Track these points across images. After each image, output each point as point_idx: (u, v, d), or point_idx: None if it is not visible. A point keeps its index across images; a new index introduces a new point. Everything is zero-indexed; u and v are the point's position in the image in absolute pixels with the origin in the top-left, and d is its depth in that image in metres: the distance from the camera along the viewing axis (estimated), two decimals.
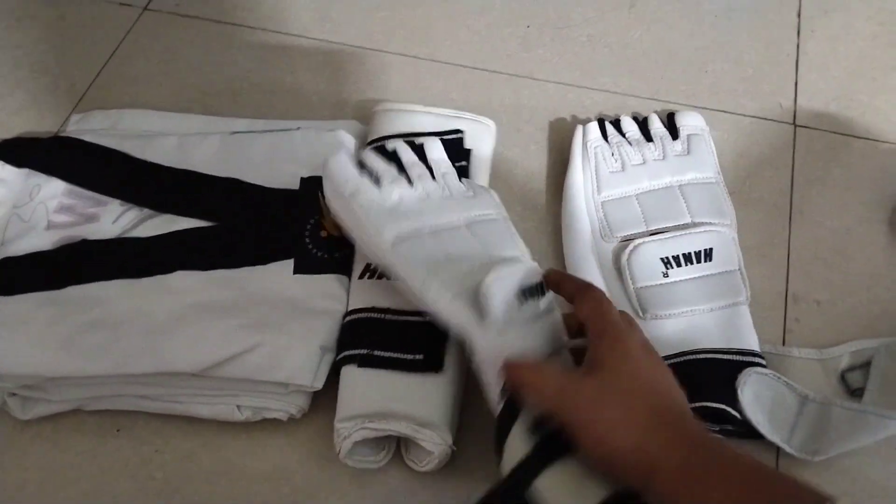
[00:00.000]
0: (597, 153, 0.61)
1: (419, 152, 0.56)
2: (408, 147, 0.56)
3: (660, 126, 0.63)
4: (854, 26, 0.75)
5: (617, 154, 0.61)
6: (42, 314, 0.51)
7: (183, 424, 0.52)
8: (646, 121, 0.63)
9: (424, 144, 0.56)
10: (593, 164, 0.61)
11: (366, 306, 0.52)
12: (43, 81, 0.71)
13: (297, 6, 0.77)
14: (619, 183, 0.60)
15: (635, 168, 0.60)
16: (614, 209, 0.59)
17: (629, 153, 0.61)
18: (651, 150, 0.61)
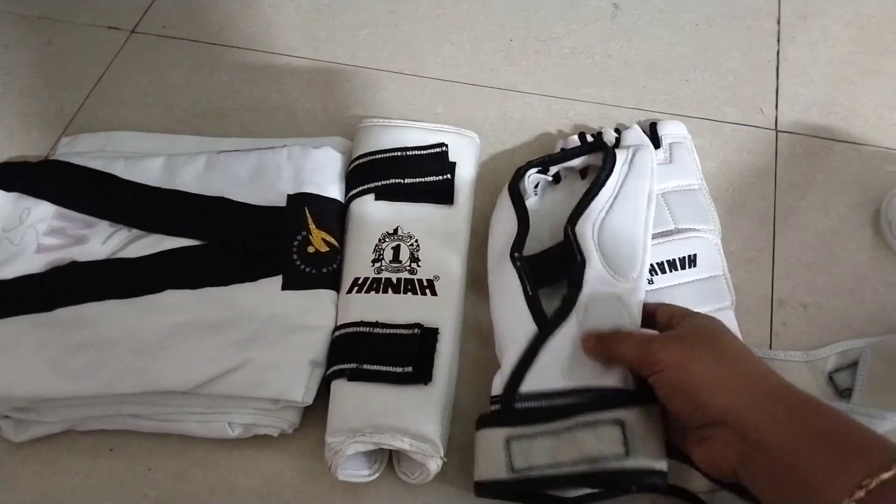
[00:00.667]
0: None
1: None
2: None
3: (642, 135, 0.63)
4: (833, 32, 0.76)
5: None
6: (32, 336, 0.51)
7: (175, 443, 0.53)
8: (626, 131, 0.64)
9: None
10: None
11: (354, 320, 0.53)
12: (32, 106, 0.72)
13: (283, 26, 0.78)
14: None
15: None
16: None
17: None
18: None
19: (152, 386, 0.49)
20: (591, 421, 0.44)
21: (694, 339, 0.43)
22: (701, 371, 0.40)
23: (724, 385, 0.39)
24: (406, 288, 0.54)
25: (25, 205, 0.59)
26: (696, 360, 0.41)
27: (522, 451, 0.46)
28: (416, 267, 0.55)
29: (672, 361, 0.42)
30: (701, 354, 0.41)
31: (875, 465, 0.33)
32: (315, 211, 0.57)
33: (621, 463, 0.43)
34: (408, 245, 0.56)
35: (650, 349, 0.43)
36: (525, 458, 0.45)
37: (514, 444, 0.46)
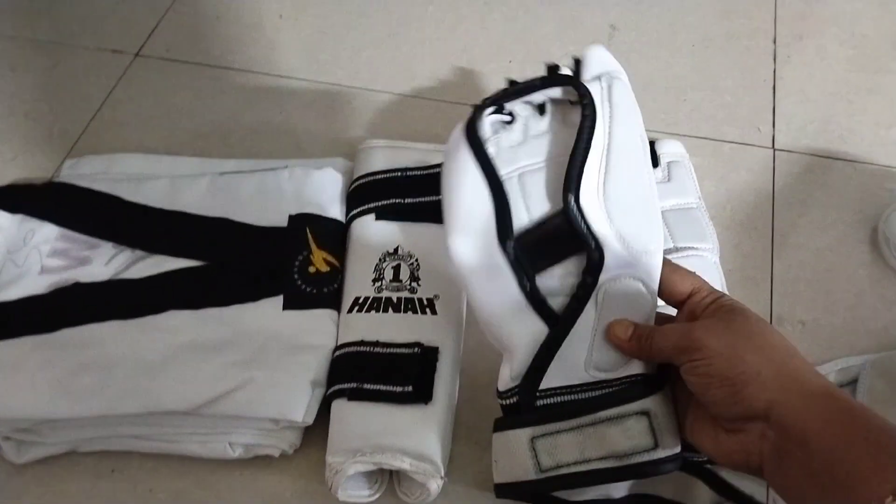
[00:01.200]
0: None
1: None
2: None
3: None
4: (828, 51, 0.77)
5: None
6: (35, 357, 0.52)
7: (176, 463, 0.53)
8: None
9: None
10: None
11: (355, 340, 0.53)
12: (37, 129, 0.73)
13: (286, 48, 0.79)
14: None
15: None
16: None
17: None
18: None
19: (154, 406, 0.49)
20: (616, 415, 0.42)
21: (739, 328, 0.40)
22: (750, 363, 0.38)
23: (772, 380, 0.38)
24: (406, 307, 0.54)
25: (29, 226, 0.59)
26: (745, 351, 0.39)
27: (548, 449, 0.43)
28: (417, 286, 0.56)
29: (719, 351, 0.39)
30: (747, 345, 0.39)
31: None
32: (316, 231, 0.57)
33: (651, 455, 0.42)
34: (408, 264, 0.57)
35: (694, 335, 0.40)
36: (552, 457, 0.43)
37: (539, 442, 0.44)
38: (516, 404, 0.45)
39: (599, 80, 0.48)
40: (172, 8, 0.83)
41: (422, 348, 0.52)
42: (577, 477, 0.43)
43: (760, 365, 0.38)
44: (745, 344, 0.39)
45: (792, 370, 0.38)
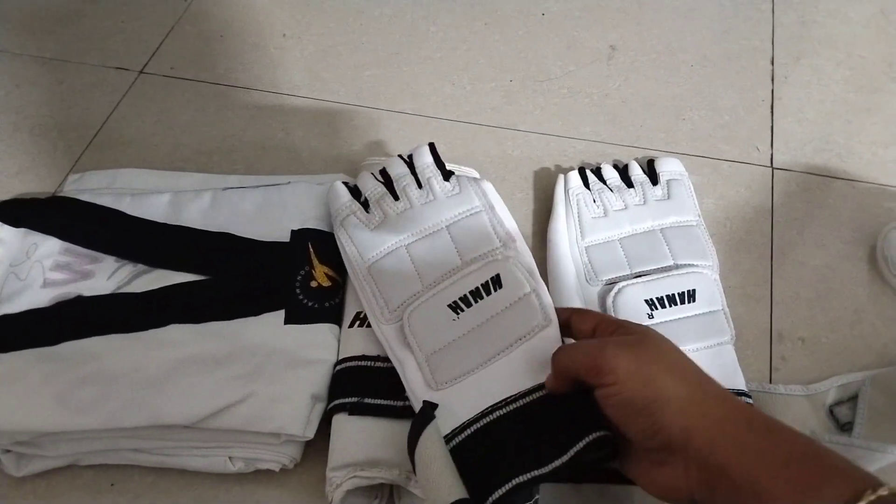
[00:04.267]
0: (579, 200, 0.63)
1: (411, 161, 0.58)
2: (399, 160, 0.58)
3: (640, 172, 0.64)
4: (826, 72, 0.78)
5: (599, 200, 0.63)
6: (37, 370, 0.52)
7: (176, 477, 0.53)
8: (626, 168, 0.65)
9: (413, 152, 0.58)
10: (576, 211, 0.62)
11: (356, 354, 0.53)
12: (42, 144, 0.73)
13: (289, 67, 0.80)
14: (602, 228, 0.61)
15: (617, 213, 0.62)
16: (598, 254, 0.60)
17: (611, 199, 0.63)
18: (632, 196, 0.63)
19: (156, 420, 0.49)
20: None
21: (649, 350, 0.39)
22: (661, 387, 0.37)
23: (685, 405, 0.36)
24: None
25: (33, 240, 0.60)
26: (655, 373, 0.37)
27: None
28: None
29: (629, 372, 0.38)
30: (659, 367, 0.38)
31: (846, 492, 0.31)
32: (318, 246, 0.58)
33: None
34: None
35: (604, 354, 0.39)
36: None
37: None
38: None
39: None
40: (177, 26, 0.84)
41: None
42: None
43: (673, 388, 0.37)
44: (656, 366, 0.38)
45: (703, 393, 0.37)
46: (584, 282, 0.59)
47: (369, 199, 0.57)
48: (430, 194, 0.56)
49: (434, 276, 0.53)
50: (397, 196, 0.57)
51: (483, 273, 0.51)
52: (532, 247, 0.64)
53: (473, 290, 0.50)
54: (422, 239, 0.54)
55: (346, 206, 0.57)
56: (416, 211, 0.55)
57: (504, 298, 0.49)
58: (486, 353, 0.48)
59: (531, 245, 0.64)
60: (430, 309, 0.51)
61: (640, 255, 0.60)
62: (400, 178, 0.57)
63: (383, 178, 0.58)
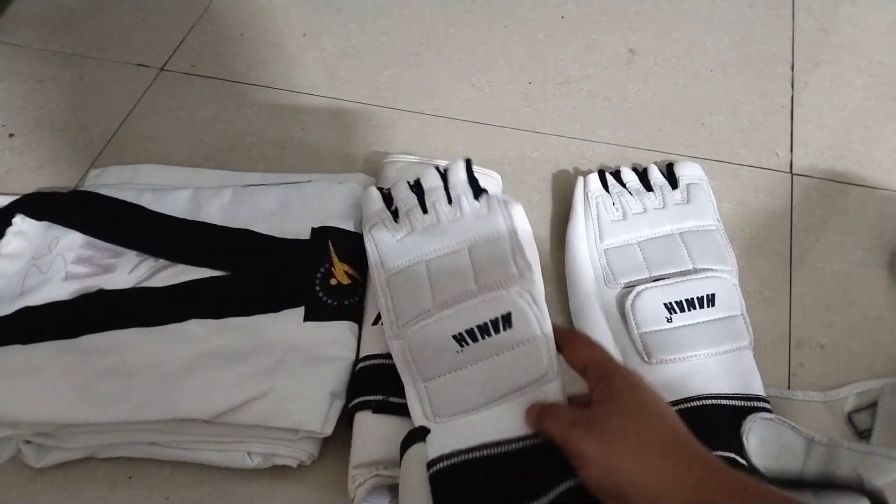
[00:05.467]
0: (598, 203, 0.63)
1: (445, 175, 0.58)
2: (433, 172, 0.58)
3: (659, 176, 0.64)
4: (846, 78, 0.77)
5: (618, 203, 0.63)
6: (58, 362, 0.52)
7: (193, 472, 0.53)
8: (645, 171, 0.65)
9: (448, 167, 0.58)
10: (595, 214, 0.62)
11: (380, 352, 0.53)
12: (63, 139, 0.74)
13: (308, 66, 0.80)
14: (621, 231, 0.61)
15: (636, 217, 0.62)
16: (617, 256, 0.60)
17: (630, 202, 0.63)
18: (651, 199, 0.63)
19: (175, 413, 0.49)
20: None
21: (617, 426, 0.40)
22: (625, 473, 0.38)
23: (654, 489, 0.37)
24: None
25: (55, 234, 0.60)
26: (620, 456, 0.38)
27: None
28: None
29: (594, 459, 0.39)
30: (626, 448, 0.39)
31: None
32: (338, 244, 0.58)
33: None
34: None
35: (571, 438, 0.40)
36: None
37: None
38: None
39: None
40: (197, 24, 0.84)
41: None
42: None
43: (639, 476, 0.38)
44: (620, 450, 0.39)
45: (667, 470, 0.38)
46: (603, 284, 0.59)
47: (399, 210, 0.57)
48: (459, 212, 0.55)
49: (446, 296, 0.51)
50: (426, 209, 0.56)
51: (494, 307, 0.49)
52: (549, 248, 0.64)
53: (482, 326, 0.48)
54: (442, 256, 0.54)
55: (376, 214, 0.57)
56: (442, 227, 0.55)
57: (512, 340, 0.48)
58: (486, 396, 0.47)
59: (549, 247, 0.65)
60: (434, 335, 0.49)
61: (658, 259, 0.60)
62: (432, 191, 0.57)
63: (417, 188, 0.58)
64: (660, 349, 0.55)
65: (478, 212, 0.55)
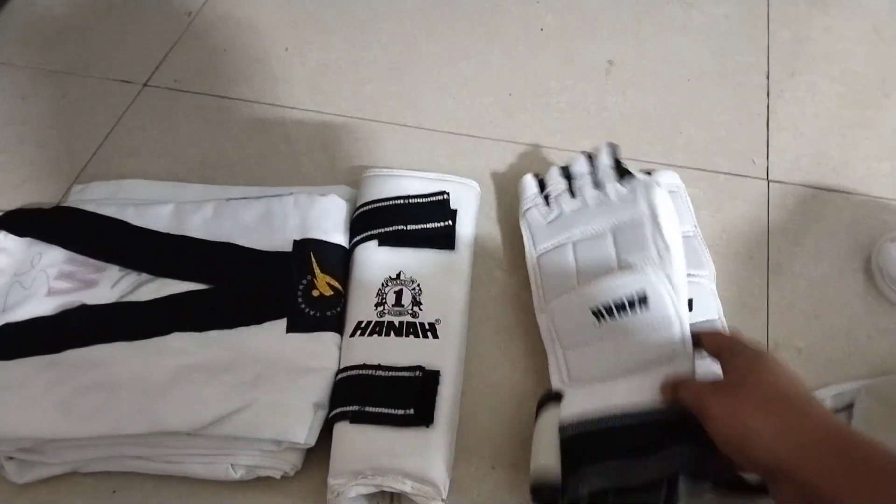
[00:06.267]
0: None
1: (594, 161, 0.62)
2: (582, 158, 0.63)
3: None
4: (820, 87, 0.79)
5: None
6: (41, 378, 0.52)
7: (177, 485, 0.53)
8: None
9: (595, 153, 0.62)
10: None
11: (357, 363, 0.54)
12: (46, 155, 0.74)
13: (291, 80, 0.81)
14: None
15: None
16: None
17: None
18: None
19: (158, 427, 0.49)
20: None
21: (743, 388, 0.44)
22: (749, 423, 0.41)
23: (772, 436, 0.40)
24: (408, 331, 0.55)
25: (37, 250, 0.60)
26: (744, 411, 0.42)
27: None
28: (419, 310, 0.56)
29: (721, 414, 0.43)
30: (749, 405, 0.42)
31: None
32: (320, 256, 0.58)
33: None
34: (410, 289, 0.58)
35: (703, 400, 0.44)
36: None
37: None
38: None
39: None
40: (181, 40, 0.85)
41: (423, 372, 0.53)
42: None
43: (760, 425, 0.41)
44: (745, 406, 0.42)
45: (793, 420, 0.41)
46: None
47: (550, 195, 0.61)
48: (604, 196, 0.59)
49: (590, 277, 0.56)
50: (574, 193, 0.60)
51: (632, 287, 0.52)
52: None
53: (619, 303, 0.52)
54: (588, 239, 0.58)
55: (530, 199, 0.62)
56: (589, 211, 0.59)
57: (648, 319, 0.51)
58: (619, 368, 0.51)
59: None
60: (574, 307, 0.54)
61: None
62: (579, 176, 0.61)
63: (566, 174, 0.62)
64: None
65: (623, 196, 0.58)
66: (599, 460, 0.47)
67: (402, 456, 0.50)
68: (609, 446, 0.47)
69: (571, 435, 0.49)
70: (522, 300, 0.62)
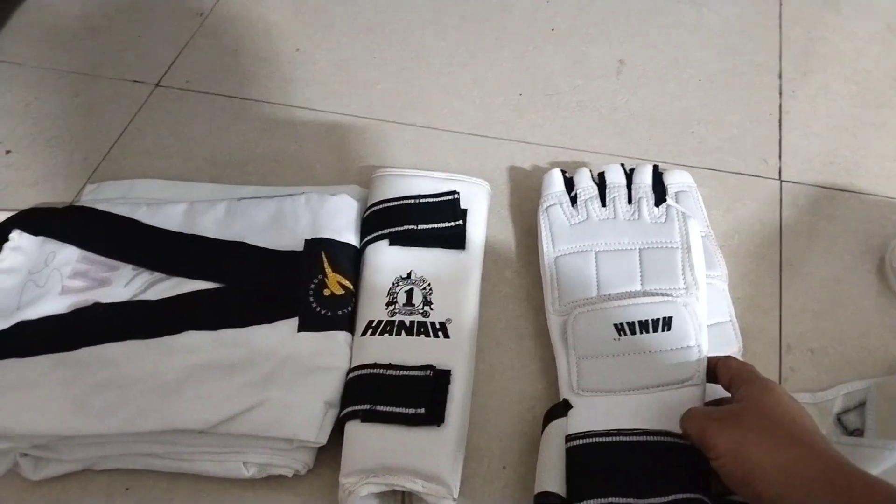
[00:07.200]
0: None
1: (630, 175, 0.62)
2: (619, 169, 0.63)
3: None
4: (833, 87, 0.78)
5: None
6: (55, 375, 0.52)
7: (189, 483, 0.53)
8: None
9: (636, 169, 0.63)
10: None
11: (368, 362, 0.54)
12: (59, 155, 0.75)
13: (302, 81, 0.81)
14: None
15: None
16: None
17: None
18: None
19: (171, 424, 0.50)
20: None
21: (749, 417, 0.44)
22: (754, 457, 0.41)
23: (777, 470, 0.41)
24: (419, 330, 0.55)
25: (51, 248, 0.61)
26: (749, 444, 0.42)
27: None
28: (429, 310, 0.56)
29: (728, 449, 0.43)
30: (755, 436, 0.42)
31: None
32: (331, 255, 0.58)
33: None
34: (421, 289, 0.58)
35: (707, 433, 0.44)
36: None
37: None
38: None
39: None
40: (192, 41, 0.85)
41: (434, 371, 0.53)
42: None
43: (765, 459, 0.41)
44: (751, 438, 0.42)
45: (793, 460, 0.41)
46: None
47: (578, 197, 0.61)
48: (637, 213, 0.59)
49: (610, 290, 0.56)
50: (605, 202, 0.60)
51: (658, 309, 0.53)
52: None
53: (643, 322, 0.53)
54: (613, 252, 0.58)
55: (555, 195, 0.62)
56: (618, 224, 0.59)
57: (668, 342, 0.52)
58: (633, 383, 0.51)
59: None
60: (596, 319, 0.54)
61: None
62: (614, 187, 0.61)
63: (599, 181, 0.62)
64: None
65: (655, 218, 0.58)
66: (604, 472, 0.48)
67: (413, 455, 0.50)
68: (615, 460, 0.48)
69: (578, 446, 0.49)
70: (533, 301, 0.62)
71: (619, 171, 0.63)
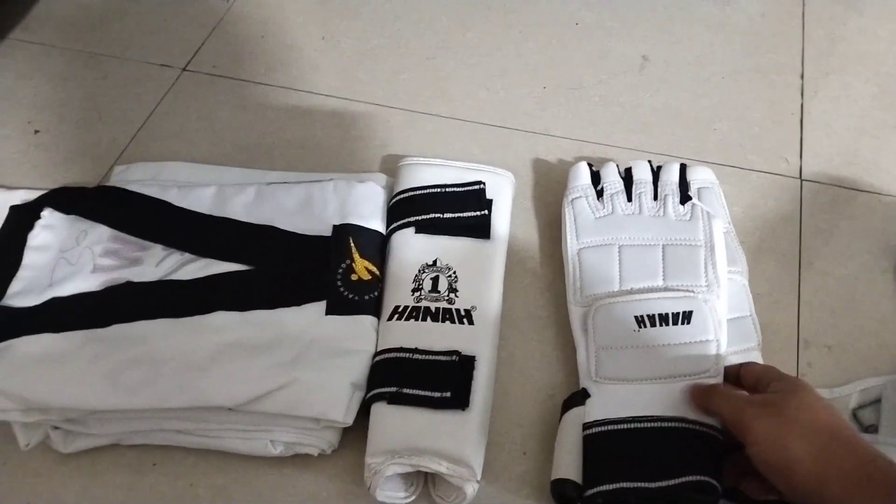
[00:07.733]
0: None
1: (656, 172, 0.64)
2: (646, 165, 0.64)
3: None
4: (854, 87, 0.79)
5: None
6: (87, 350, 0.54)
7: (216, 460, 0.54)
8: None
9: (663, 166, 0.64)
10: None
11: (394, 346, 0.55)
12: (86, 136, 0.76)
13: (327, 68, 0.82)
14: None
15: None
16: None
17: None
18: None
19: (201, 401, 0.51)
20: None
21: (787, 409, 0.44)
22: (793, 451, 0.42)
23: (815, 465, 0.41)
24: (444, 317, 0.56)
25: (82, 227, 0.62)
26: (788, 436, 0.42)
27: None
28: (454, 297, 0.57)
29: (766, 437, 0.43)
30: (795, 430, 0.43)
31: None
32: (359, 241, 0.59)
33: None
34: (446, 276, 0.58)
35: (746, 416, 0.44)
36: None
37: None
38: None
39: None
40: (219, 26, 0.86)
41: (459, 356, 0.54)
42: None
43: (804, 451, 0.42)
44: (790, 429, 0.43)
45: (831, 454, 0.41)
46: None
47: (604, 190, 0.62)
48: (662, 210, 0.60)
49: (632, 284, 0.57)
50: (630, 197, 0.61)
51: (679, 303, 0.55)
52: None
53: (663, 315, 0.54)
54: (636, 246, 0.59)
55: (581, 188, 0.63)
56: (643, 219, 0.60)
57: (687, 335, 0.53)
58: (650, 373, 0.52)
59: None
60: (617, 311, 0.55)
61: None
62: (641, 182, 0.62)
63: (626, 176, 0.63)
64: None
65: (680, 215, 0.59)
66: (619, 459, 0.49)
67: (439, 437, 0.51)
68: (629, 446, 0.49)
69: (594, 434, 0.50)
70: (555, 291, 0.63)
71: (646, 167, 0.63)
